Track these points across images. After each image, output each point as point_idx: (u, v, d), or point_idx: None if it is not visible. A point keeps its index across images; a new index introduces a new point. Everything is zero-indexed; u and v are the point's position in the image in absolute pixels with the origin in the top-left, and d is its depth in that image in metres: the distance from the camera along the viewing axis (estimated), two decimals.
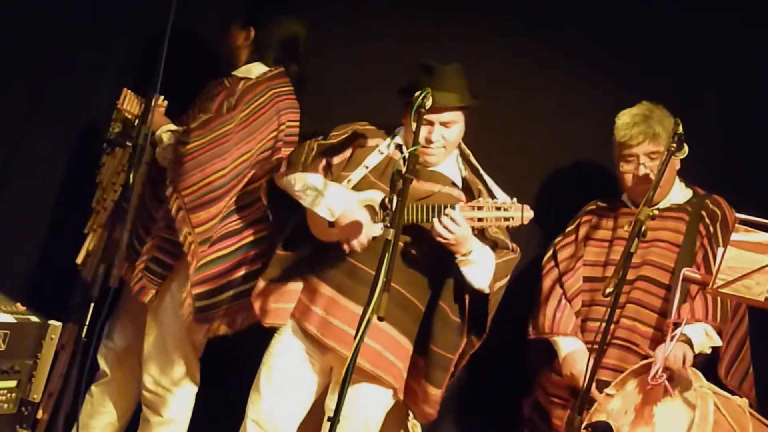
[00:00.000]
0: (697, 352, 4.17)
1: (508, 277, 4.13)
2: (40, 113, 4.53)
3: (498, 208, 3.92)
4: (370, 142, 4.16)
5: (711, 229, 4.31)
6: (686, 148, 4.09)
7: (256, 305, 4.13)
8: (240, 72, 4.47)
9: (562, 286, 4.45)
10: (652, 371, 4.00)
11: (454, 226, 3.88)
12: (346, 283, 4.01)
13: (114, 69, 4.72)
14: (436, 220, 3.89)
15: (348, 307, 3.97)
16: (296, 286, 4.11)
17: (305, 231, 4.11)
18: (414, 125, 3.69)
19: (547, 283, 4.51)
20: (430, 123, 4.01)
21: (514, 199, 3.95)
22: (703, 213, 4.36)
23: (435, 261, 4.05)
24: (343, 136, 4.16)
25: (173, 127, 4.34)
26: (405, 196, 3.48)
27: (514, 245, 4.15)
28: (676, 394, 4.01)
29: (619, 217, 4.46)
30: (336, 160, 4.14)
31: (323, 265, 4.07)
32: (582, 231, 4.54)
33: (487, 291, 4.05)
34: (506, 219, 3.92)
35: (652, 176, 4.26)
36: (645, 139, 4.30)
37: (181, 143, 4.16)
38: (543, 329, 4.42)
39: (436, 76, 4.00)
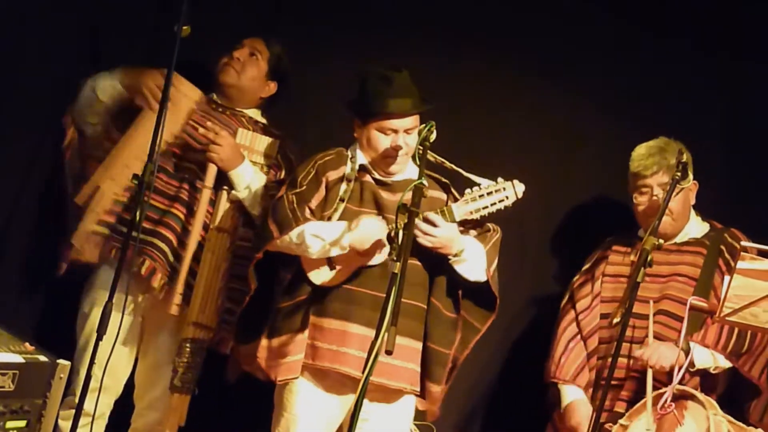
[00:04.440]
0: (697, 366, 4.18)
1: (497, 255, 4.13)
2: (46, 150, 4.58)
3: (489, 193, 3.95)
4: (337, 173, 4.11)
5: (732, 264, 4.26)
6: (691, 177, 4.11)
7: (263, 364, 4.07)
8: (253, 113, 4.62)
9: (578, 325, 4.47)
10: (661, 400, 4.00)
11: (434, 230, 3.89)
12: (350, 310, 3.99)
13: None
14: (417, 231, 3.86)
15: (357, 332, 3.95)
16: (302, 336, 4.04)
17: (300, 281, 4.06)
18: (419, 157, 3.69)
19: (562, 325, 4.52)
20: (394, 131, 4.00)
21: (500, 179, 3.96)
22: (723, 247, 4.37)
23: (429, 260, 4.03)
24: (311, 176, 4.09)
25: (256, 172, 4.44)
26: (411, 229, 3.48)
27: (493, 225, 4.13)
28: (690, 423, 4.00)
29: (635, 253, 4.44)
30: (314, 203, 4.07)
31: (324, 304, 4.04)
32: (598, 268, 4.54)
33: (483, 280, 4.05)
34: (501, 200, 3.95)
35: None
36: (659, 169, 4.32)
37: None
38: (549, 374, 4.46)
39: (394, 83, 4.00)
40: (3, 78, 4.43)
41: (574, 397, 4.37)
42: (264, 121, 4.66)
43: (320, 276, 4.02)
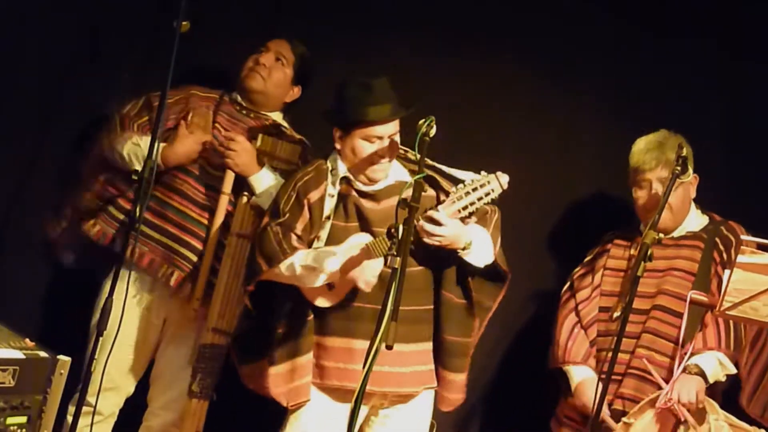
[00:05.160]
0: (711, 381, 4.16)
1: (500, 233, 4.13)
2: (46, 149, 4.59)
3: (475, 189, 3.91)
4: (319, 192, 4.04)
5: (725, 255, 4.28)
6: (691, 171, 4.11)
7: (274, 392, 4.01)
8: (276, 117, 4.62)
9: (578, 315, 4.46)
10: (661, 396, 3.99)
11: (440, 229, 3.85)
12: (352, 326, 3.97)
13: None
14: (423, 232, 3.84)
15: (362, 348, 3.79)
16: (307, 358, 4.01)
17: (299, 303, 4.02)
18: (417, 153, 3.68)
19: (562, 313, 4.51)
20: (379, 138, 3.97)
21: (483, 172, 3.93)
22: (717, 240, 4.35)
23: (428, 262, 4.03)
24: (292, 201, 4.02)
25: (276, 177, 4.42)
26: (411, 224, 3.48)
27: (490, 206, 4.09)
28: (692, 427, 3.99)
29: (635, 247, 4.44)
30: (299, 228, 4.00)
31: (325, 322, 4.01)
32: (599, 261, 4.54)
33: (491, 261, 4.05)
34: (487, 194, 3.91)
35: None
36: (658, 164, 4.32)
37: None
38: (557, 359, 4.43)
39: (374, 91, 3.96)
40: (3, 78, 4.44)
41: (586, 375, 4.35)
42: (285, 124, 4.64)
43: (321, 298, 3.99)
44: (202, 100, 4.53)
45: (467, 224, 3.99)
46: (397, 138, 4.02)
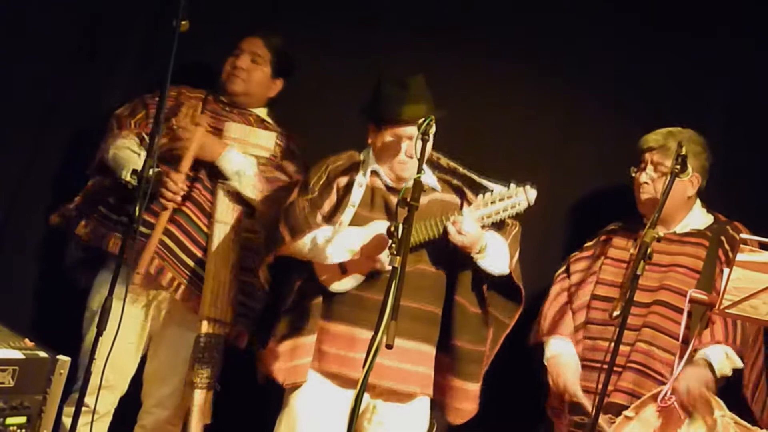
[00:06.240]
0: (718, 375, 4.16)
1: (518, 248, 4.16)
2: (46, 148, 4.60)
3: (501, 199, 3.95)
4: (348, 178, 4.11)
5: (731, 255, 4.26)
6: (690, 170, 4.10)
7: (271, 368, 4.05)
8: (260, 112, 4.66)
9: (569, 296, 4.48)
10: (662, 393, 3.99)
11: (465, 232, 3.89)
12: (359, 315, 3.99)
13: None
14: (450, 228, 3.90)
15: (365, 337, 3.81)
16: (310, 340, 4.03)
17: (310, 286, 4.06)
18: (418, 151, 3.69)
19: (554, 290, 4.53)
20: (409, 138, 4.00)
21: (512, 184, 3.97)
22: (723, 239, 4.35)
23: (442, 264, 4.06)
24: (323, 181, 4.09)
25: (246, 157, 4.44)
26: (411, 224, 3.47)
27: (510, 219, 4.14)
28: (698, 422, 3.98)
29: (638, 238, 4.43)
30: (326, 208, 4.08)
31: (332, 308, 4.03)
32: (600, 248, 4.56)
33: (506, 273, 4.07)
34: (513, 206, 3.96)
35: (651, 190, 4.36)
36: (655, 146, 4.38)
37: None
38: (541, 331, 4.44)
39: (409, 89, 4.00)
40: (3, 77, 4.45)
41: (561, 350, 4.36)
42: (270, 120, 4.68)
43: (333, 280, 4.02)
44: (190, 99, 4.57)
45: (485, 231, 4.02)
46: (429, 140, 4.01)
